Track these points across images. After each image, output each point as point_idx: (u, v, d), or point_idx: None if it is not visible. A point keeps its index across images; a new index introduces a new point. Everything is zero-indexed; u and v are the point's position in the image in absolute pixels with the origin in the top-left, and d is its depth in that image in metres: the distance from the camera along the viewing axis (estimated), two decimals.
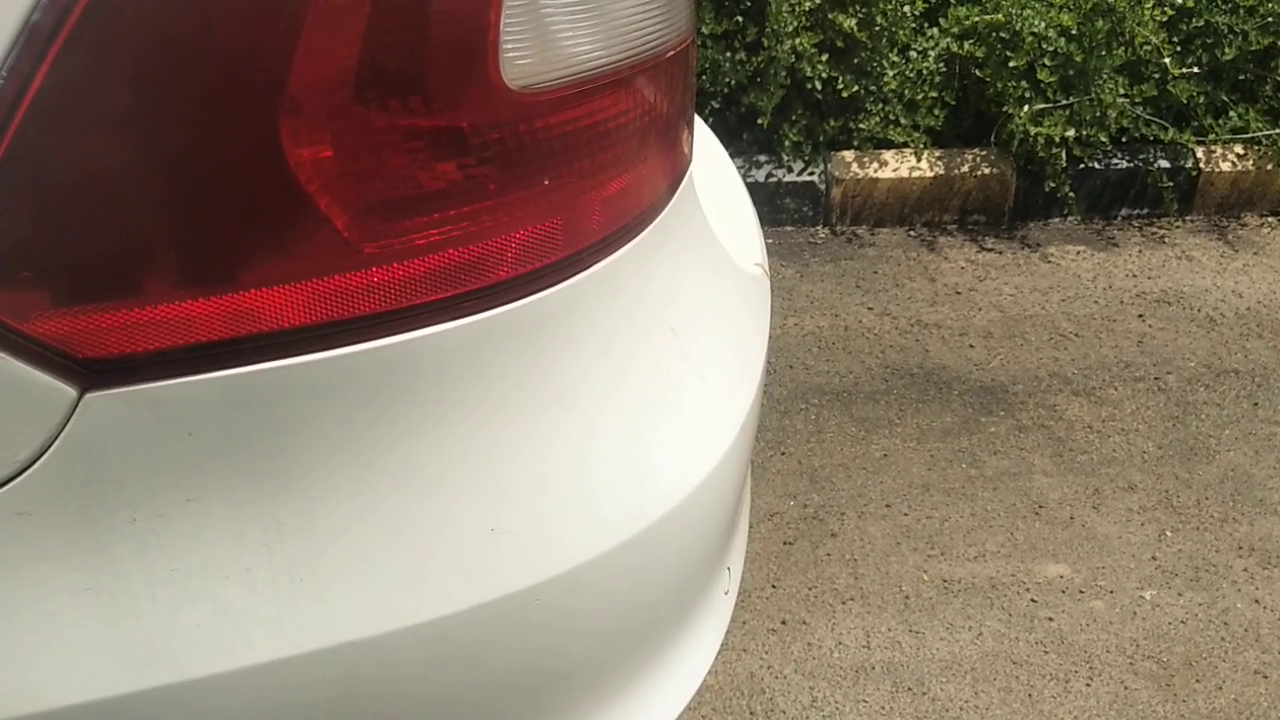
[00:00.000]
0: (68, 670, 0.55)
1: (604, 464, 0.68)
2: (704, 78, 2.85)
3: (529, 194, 0.60)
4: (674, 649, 0.80)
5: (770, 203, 2.95)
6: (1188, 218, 3.09)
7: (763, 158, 2.98)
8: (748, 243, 1.01)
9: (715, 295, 0.83)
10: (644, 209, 0.71)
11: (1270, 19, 2.95)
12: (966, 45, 2.87)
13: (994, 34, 2.84)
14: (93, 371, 0.52)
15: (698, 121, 1.12)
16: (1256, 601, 1.71)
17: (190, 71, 0.49)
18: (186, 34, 0.48)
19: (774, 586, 1.72)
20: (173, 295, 0.52)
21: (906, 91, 2.90)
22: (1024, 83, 2.82)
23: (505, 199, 0.59)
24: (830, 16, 2.79)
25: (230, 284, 0.53)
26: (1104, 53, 2.80)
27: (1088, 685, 1.55)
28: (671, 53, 0.71)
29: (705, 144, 1.14)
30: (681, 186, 0.79)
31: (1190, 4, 2.95)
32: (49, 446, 0.52)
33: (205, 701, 0.58)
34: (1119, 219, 3.08)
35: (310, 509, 0.58)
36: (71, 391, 0.52)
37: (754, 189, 2.90)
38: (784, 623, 1.65)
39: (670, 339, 0.73)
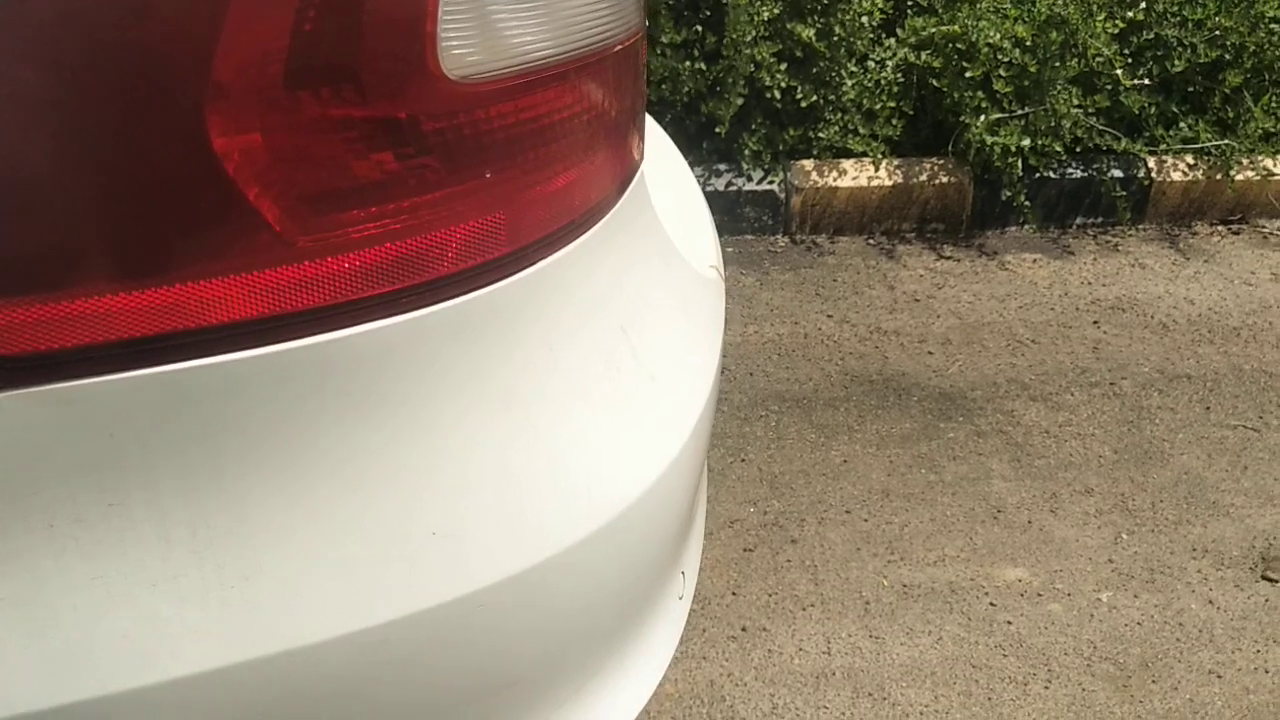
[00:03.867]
0: None
1: (551, 465, 0.66)
2: (663, 86, 2.85)
3: (470, 187, 0.58)
4: (626, 655, 0.79)
5: (730, 211, 2.95)
6: (1140, 226, 3.14)
7: (722, 166, 2.98)
8: (702, 244, 1.00)
9: (667, 295, 0.82)
10: (592, 205, 0.69)
11: (1218, 33, 3.01)
12: (924, 56, 2.90)
13: (950, 45, 2.87)
14: (5, 369, 0.50)
15: (652, 125, 1.10)
16: (1210, 602, 1.73)
17: (109, 53, 0.47)
18: (105, 13, 0.46)
19: (734, 593, 1.71)
20: (92, 290, 0.50)
21: (865, 101, 2.92)
22: (980, 93, 2.85)
23: (445, 192, 0.57)
24: (789, 26, 2.81)
25: (155, 278, 0.51)
26: (1058, 64, 2.84)
27: (1046, 687, 1.55)
28: (619, 47, 0.69)
29: (659, 146, 1.13)
30: (632, 185, 0.78)
31: (1141, 17, 3.00)
32: None
33: (130, 716, 0.55)
34: (1074, 227, 3.11)
35: (241, 514, 0.56)
36: None
37: (714, 198, 2.90)
38: (744, 629, 1.64)
39: (620, 338, 0.72)
